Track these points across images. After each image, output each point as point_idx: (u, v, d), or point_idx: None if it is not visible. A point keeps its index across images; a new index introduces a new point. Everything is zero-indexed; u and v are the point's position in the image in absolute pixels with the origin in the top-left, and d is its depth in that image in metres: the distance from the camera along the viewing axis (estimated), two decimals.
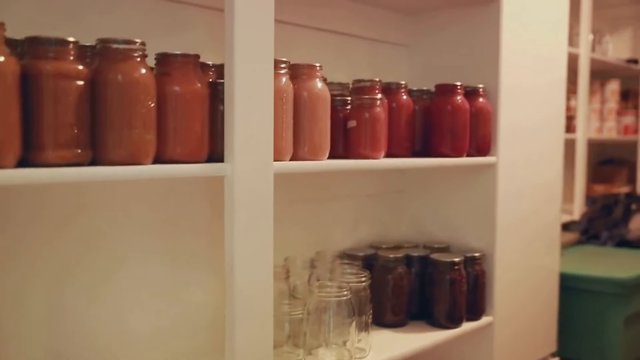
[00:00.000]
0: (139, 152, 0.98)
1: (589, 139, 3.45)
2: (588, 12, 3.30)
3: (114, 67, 0.96)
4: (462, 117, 1.60)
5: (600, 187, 3.95)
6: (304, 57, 1.60)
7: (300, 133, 1.24)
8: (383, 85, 1.58)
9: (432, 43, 1.86)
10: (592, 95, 3.71)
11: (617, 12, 4.03)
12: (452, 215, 1.82)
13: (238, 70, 1.08)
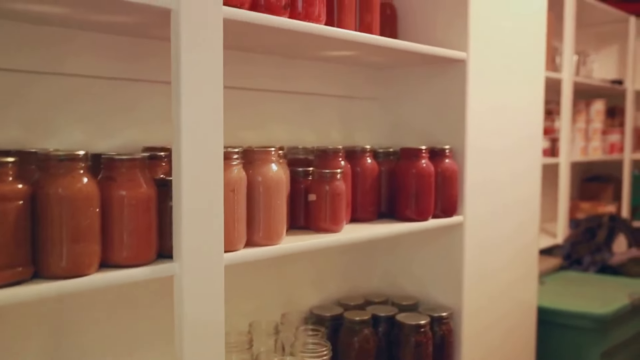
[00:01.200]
0: (82, 264, 0.98)
1: (573, 162, 3.45)
2: (571, 34, 3.29)
3: (54, 182, 0.96)
4: (427, 181, 1.60)
5: (586, 204, 3.96)
6: (271, 120, 1.61)
7: (255, 219, 1.24)
8: (347, 150, 1.59)
9: (402, 98, 1.86)
10: (577, 114, 3.71)
11: (602, 30, 4.02)
12: (421, 271, 1.83)
13: (185, 167, 1.08)
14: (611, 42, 4.11)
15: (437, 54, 1.61)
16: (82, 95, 1.28)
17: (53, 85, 1.23)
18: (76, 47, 1.25)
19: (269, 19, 1.22)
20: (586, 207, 3.96)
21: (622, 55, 4.03)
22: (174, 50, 1.07)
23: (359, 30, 1.53)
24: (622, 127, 3.92)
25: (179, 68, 1.06)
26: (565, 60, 3.29)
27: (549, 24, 2.84)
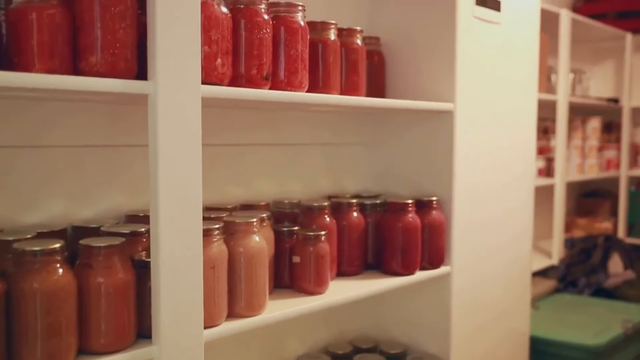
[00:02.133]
0: (57, 358, 0.98)
1: (568, 182, 3.43)
2: (566, 54, 3.27)
3: (29, 278, 0.96)
4: (414, 235, 1.60)
5: (582, 220, 3.95)
6: (256, 173, 1.60)
7: (236, 290, 1.24)
8: (333, 204, 1.58)
9: (389, 143, 1.85)
10: (573, 131, 3.69)
11: (598, 45, 4.00)
12: (409, 316, 1.82)
13: (163, 247, 1.07)
14: (608, 58, 4.10)
15: (423, 107, 1.60)
16: (62, 165, 1.27)
17: (32, 158, 1.23)
18: (53, 119, 1.25)
19: (249, 92, 1.21)
20: (582, 223, 3.95)
21: (618, 71, 4.01)
22: (151, 130, 1.06)
23: (345, 88, 1.52)
24: (619, 142, 3.90)
25: (156, 149, 1.05)
26: (561, 80, 3.28)
27: (544, 44, 2.84)
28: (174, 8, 1.05)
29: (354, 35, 1.56)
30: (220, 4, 1.18)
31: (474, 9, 2.04)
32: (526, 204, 2.10)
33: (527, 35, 2.24)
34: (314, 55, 1.43)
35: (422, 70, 1.74)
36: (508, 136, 1.99)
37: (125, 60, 1.03)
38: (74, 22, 1.01)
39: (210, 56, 1.14)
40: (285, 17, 1.30)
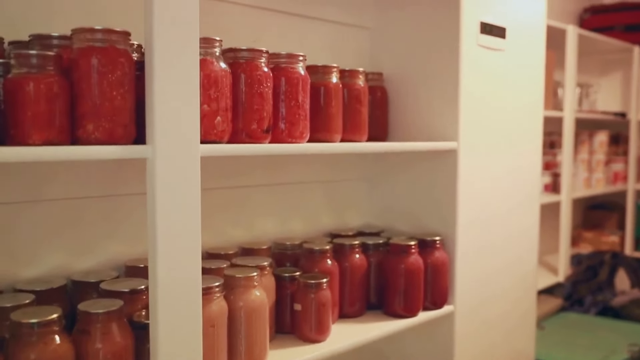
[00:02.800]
0: None
1: (574, 198, 3.41)
2: (573, 70, 3.25)
3: (26, 349, 0.96)
4: (416, 277, 1.59)
5: (589, 234, 3.93)
6: (258, 214, 1.60)
7: (236, 345, 1.24)
8: (335, 245, 1.57)
9: (392, 179, 1.84)
10: (580, 145, 3.67)
11: (606, 57, 3.97)
12: (414, 356, 1.81)
13: (162, 309, 1.07)
14: (615, 69, 4.06)
15: (426, 149, 1.59)
16: (63, 218, 1.27)
17: (33, 212, 1.23)
18: (53, 173, 1.24)
19: (249, 148, 1.20)
20: (589, 236, 3.93)
21: (626, 82, 3.97)
22: (150, 192, 1.05)
23: (348, 130, 1.51)
24: (626, 155, 3.87)
25: (154, 211, 1.04)
26: (567, 97, 3.25)
27: (550, 60, 2.82)
28: (173, 70, 1.04)
29: (356, 77, 1.55)
30: (220, 60, 1.17)
31: (478, 37, 2.02)
32: (532, 224, 2.09)
33: (533, 61, 2.23)
34: (315, 99, 1.41)
35: (425, 105, 1.73)
36: (513, 161, 1.97)
37: (124, 125, 1.02)
38: (72, 89, 1.00)
39: (209, 115, 1.13)
40: (286, 68, 1.29)
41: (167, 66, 1.03)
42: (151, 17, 1.01)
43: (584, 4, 3.95)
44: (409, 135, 1.76)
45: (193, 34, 1.06)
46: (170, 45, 1.03)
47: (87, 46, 1.00)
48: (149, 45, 1.03)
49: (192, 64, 1.07)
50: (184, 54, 1.05)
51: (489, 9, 2.01)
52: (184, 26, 1.05)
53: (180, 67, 1.05)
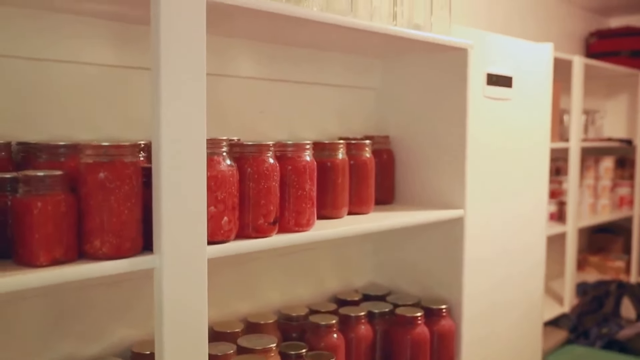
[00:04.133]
0: None
1: (580, 228, 3.40)
2: (579, 99, 3.23)
3: None
4: (422, 348, 1.59)
5: (594, 258, 3.92)
6: (262, 285, 1.60)
7: None
8: (341, 317, 1.57)
9: (398, 242, 1.84)
10: (586, 170, 3.66)
11: (612, 81, 3.95)
12: None
13: None
14: (621, 91, 4.04)
15: (432, 220, 1.59)
16: (71, 307, 1.27)
17: (41, 303, 1.23)
18: None
19: (256, 244, 1.20)
20: (595, 261, 3.92)
21: (632, 104, 3.95)
22: (157, 298, 1.05)
23: (354, 203, 1.52)
24: (632, 179, 3.85)
25: (161, 320, 1.05)
26: (573, 127, 3.24)
27: (556, 90, 2.81)
28: (180, 179, 1.04)
29: (363, 149, 1.55)
30: (226, 158, 1.16)
31: (484, 89, 2.02)
32: (538, 264, 2.09)
33: (539, 106, 2.24)
34: (322, 175, 1.41)
35: (431, 168, 1.72)
36: (520, 209, 1.99)
37: (131, 239, 1.02)
38: (79, 205, 1.00)
39: (216, 216, 1.13)
40: (292, 157, 1.29)
41: (175, 174, 1.03)
42: (158, 130, 1.01)
43: (590, 27, 3.93)
44: (415, 198, 1.76)
45: (200, 142, 1.06)
46: (177, 153, 1.03)
47: (94, 162, 1.00)
48: (157, 156, 1.02)
49: (200, 169, 1.07)
50: (191, 161, 1.05)
51: (495, 60, 2.02)
52: (191, 134, 1.05)
53: (187, 174, 1.05)
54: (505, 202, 2.07)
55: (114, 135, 1.32)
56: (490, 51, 2.02)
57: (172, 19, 1.01)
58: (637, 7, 3.79)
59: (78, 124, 1.27)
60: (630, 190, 3.84)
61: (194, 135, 1.06)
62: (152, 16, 1.01)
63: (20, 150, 1.14)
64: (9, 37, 1.17)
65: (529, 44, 2.25)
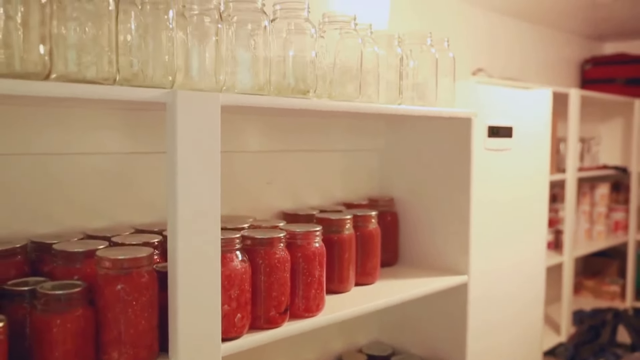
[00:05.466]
0: None
1: (577, 257, 3.43)
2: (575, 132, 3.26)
3: None
4: None
5: (590, 282, 3.96)
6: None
7: None
8: None
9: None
10: (581, 196, 3.70)
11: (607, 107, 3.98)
12: None
13: None
14: (616, 116, 4.08)
15: (436, 290, 1.61)
16: None
17: None
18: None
19: (267, 335, 1.22)
20: (590, 285, 3.96)
21: (627, 129, 3.98)
22: None
23: (360, 273, 1.54)
24: (627, 204, 3.89)
25: None
26: (570, 158, 3.27)
27: (553, 122, 2.84)
28: (195, 282, 1.05)
29: (369, 221, 1.57)
30: (239, 253, 1.18)
31: (485, 141, 2.04)
32: (537, 296, 2.12)
33: (539, 150, 2.26)
34: (329, 251, 1.43)
35: (435, 229, 1.75)
36: (519, 247, 2.01)
37: (148, 346, 1.04)
38: (97, 316, 1.01)
39: (230, 314, 1.15)
40: (302, 245, 1.30)
41: (190, 277, 1.04)
42: (175, 242, 1.03)
43: (585, 52, 3.96)
44: (419, 260, 1.78)
45: (215, 244, 1.08)
46: (193, 255, 1.05)
47: (111, 274, 1.01)
48: (173, 263, 1.04)
49: (214, 273, 1.09)
50: (206, 263, 1.07)
51: (495, 111, 2.04)
52: (206, 235, 1.06)
53: (202, 276, 1.06)
54: (505, 247, 2.09)
55: (125, 221, 1.34)
56: (491, 103, 2.04)
57: (188, 129, 1.03)
58: (630, 34, 3.83)
59: (90, 212, 1.29)
60: (625, 215, 3.88)
61: (209, 237, 1.07)
62: (169, 129, 1.03)
63: (35, 249, 1.15)
64: (21, 135, 1.18)
65: (529, 93, 2.27)
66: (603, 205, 3.78)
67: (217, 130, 1.07)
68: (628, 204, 3.87)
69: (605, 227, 3.79)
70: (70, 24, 0.95)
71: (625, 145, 4.05)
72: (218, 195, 1.08)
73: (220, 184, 1.08)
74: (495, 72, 3.15)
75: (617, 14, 3.29)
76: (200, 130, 1.04)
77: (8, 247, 1.09)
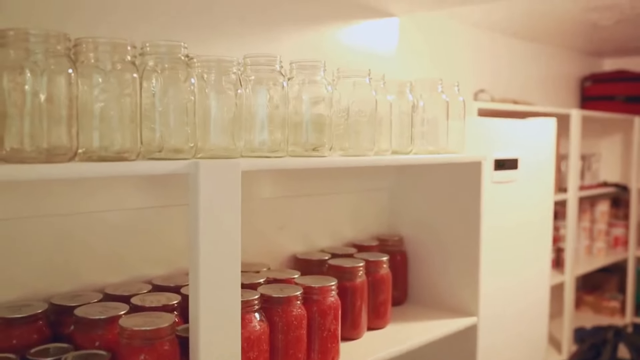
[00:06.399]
0: None
1: (578, 276, 3.46)
2: (576, 151, 3.28)
3: None
4: None
5: (590, 297, 3.99)
6: None
7: None
8: None
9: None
10: (582, 213, 3.72)
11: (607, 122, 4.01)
12: None
13: None
14: (616, 131, 4.10)
15: (445, 334, 1.62)
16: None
17: None
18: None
19: None
20: (590, 300, 3.99)
21: (627, 144, 4.01)
22: None
23: (372, 319, 1.55)
24: (627, 220, 3.92)
25: None
26: (571, 179, 3.29)
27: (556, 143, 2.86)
28: (216, 348, 1.06)
29: (381, 267, 1.58)
30: (258, 314, 1.19)
31: (492, 175, 2.06)
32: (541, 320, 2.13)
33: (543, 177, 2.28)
34: (343, 299, 1.44)
35: (444, 268, 1.76)
36: (523, 273, 2.03)
37: None
38: None
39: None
40: (318, 300, 1.31)
41: (210, 341, 1.05)
42: (197, 313, 1.04)
43: (584, 69, 3.99)
44: (428, 298, 1.79)
45: (235, 309, 1.09)
46: (215, 321, 1.06)
47: (134, 345, 1.02)
48: (195, 332, 1.05)
49: (234, 337, 1.10)
50: (227, 326, 1.07)
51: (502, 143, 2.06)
52: (227, 300, 1.07)
53: (222, 340, 1.07)
54: (510, 271, 2.12)
55: (142, 274, 1.35)
56: (496, 136, 2.06)
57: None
58: (629, 51, 3.85)
59: (107, 268, 1.30)
60: (625, 230, 3.91)
61: (230, 301, 1.08)
62: (191, 197, 1.04)
63: (55, 311, 1.16)
64: (39, 199, 1.19)
65: (534, 122, 2.29)
66: (603, 222, 3.81)
67: (238, 196, 1.08)
68: (628, 219, 3.90)
69: (605, 244, 3.81)
70: (95, 100, 0.96)
71: (624, 160, 4.08)
72: (239, 261, 1.09)
73: (240, 250, 1.09)
74: (497, 91, 3.17)
75: (617, 36, 3.31)
76: (222, 196, 1.05)
77: (30, 313, 1.10)
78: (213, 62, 1.12)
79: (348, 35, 1.86)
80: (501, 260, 2.10)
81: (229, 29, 1.54)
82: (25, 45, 0.88)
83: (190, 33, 1.45)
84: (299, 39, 1.71)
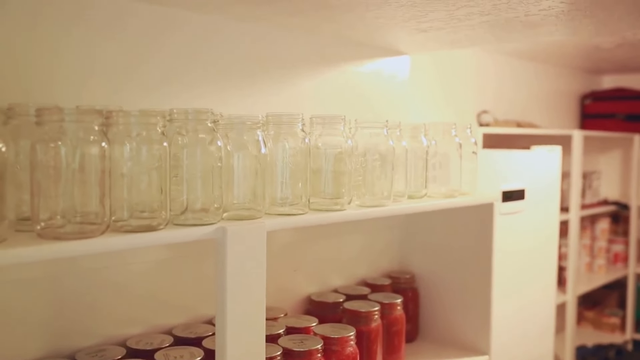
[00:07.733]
0: None
1: (579, 295, 3.48)
2: (578, 174, 3.30)
3: None
4: None
5: (590, 313, 4.01)
6: None
7: None
8: None
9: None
10: (582, 230, 3.75)
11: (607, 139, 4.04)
12: None
13: None
14: (616, 148, 4.13)
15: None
16: None
17: None
18: None
19: None
20: (590, 316, 4.01)
21: (626, 162, 4.04)
22: None
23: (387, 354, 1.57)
24: (626, 236, 3.95)
25: None
26: (573, 198, 3.31)
27: None
28: None
29: (395, 309, 1.60)
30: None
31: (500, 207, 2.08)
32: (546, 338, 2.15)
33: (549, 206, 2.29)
34: (358, 343, 1.45)
35: (456, 307, 1.77)
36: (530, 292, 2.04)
37: None
38: None
39: None
40: (337, 351, 1.33)
41: None
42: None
43: (584, 86, 4.01)
44: (439, 335, 1.81)
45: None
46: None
47: None
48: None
49: None
50: None
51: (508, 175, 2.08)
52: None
53: None
54: (516, 294, 2.13)
55: (159, 325, 1.35)
56: (503, 168, 2.08)
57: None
58: (627, 68, 3.88)
59: (126, 320, 1.30)
60: (625, 247, 3.94)
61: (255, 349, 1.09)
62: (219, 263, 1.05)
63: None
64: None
65: (540, 153, 2.31)
66: (604, 240, 3.84)
67: (264, 257, 1.10)
68: (627, 235, 3.93)
69: (606, 260, 3.85)
70: (126, 169, 0.97)
71: (624, 177, 4.11)
72: (264, 320, 1.10)
73: (265, 310, 1.10)
74: (500, 111, 3.19)
75: (618, 58, 3.34)
76: (249, 258, 1.07)
77: None
78: (236, 121, 1.13)
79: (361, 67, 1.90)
80: (507, 285, 2.10)
81: (246, 74, 1.56)
82: (59, 122, 0.89)
83: (209, 87, 1.46)
84: (317, 79, 1.74)
